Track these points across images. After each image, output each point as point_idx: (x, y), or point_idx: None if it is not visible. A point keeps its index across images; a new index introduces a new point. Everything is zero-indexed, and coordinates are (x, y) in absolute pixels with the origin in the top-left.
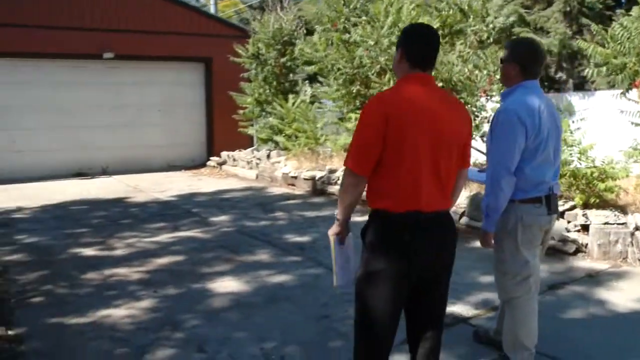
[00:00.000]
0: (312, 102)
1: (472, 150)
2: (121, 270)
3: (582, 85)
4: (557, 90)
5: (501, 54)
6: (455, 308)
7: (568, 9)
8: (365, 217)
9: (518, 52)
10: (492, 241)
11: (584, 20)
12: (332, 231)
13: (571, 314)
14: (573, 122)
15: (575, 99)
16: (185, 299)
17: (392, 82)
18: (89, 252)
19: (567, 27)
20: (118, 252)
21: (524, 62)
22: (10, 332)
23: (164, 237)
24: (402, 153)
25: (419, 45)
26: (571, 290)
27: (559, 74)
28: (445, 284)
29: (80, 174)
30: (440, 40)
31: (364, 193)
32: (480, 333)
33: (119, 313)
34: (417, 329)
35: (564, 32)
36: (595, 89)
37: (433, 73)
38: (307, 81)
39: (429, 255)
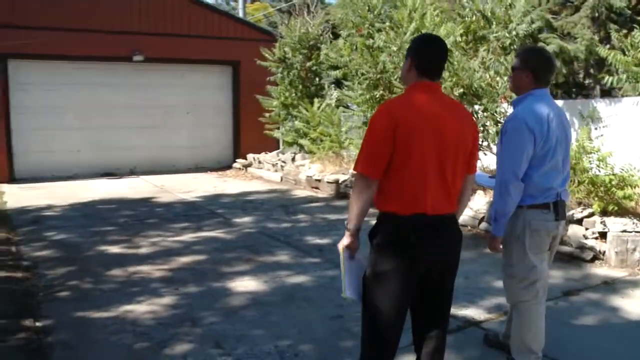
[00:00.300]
0: (337, 106)
1: (490, 155)
2: (145, 268)
3: (609, 92)
4: (586, 96)
5: None
6: (468, 312)
7: (596, 14)
8: (373, 219)
9: (531, 59)
10: (500, 246)
11: (612, 26)
12: (342, 244)
13: (583, 321)
14: (596, 128)
15: (601, 105)
16: (205, 296)
17: None
18: (114, 249)
19: (595, 32)
20: (143, 251)
21: (536, 69)
22: (37, 324)
23: (188, 237)
24: (409, 158)
25: (428, 56)
26: (585, 297)
27: (588, 80)
28: (450, 285)
29: (108, 174)
30: (464, 46)
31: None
32: (490, 337)
33: (141, 309)
34: (422, 329)
35: (591, 38)
36: (622, 95)
37: (454, 79)
38: (333, 85)
39: (434, 257)
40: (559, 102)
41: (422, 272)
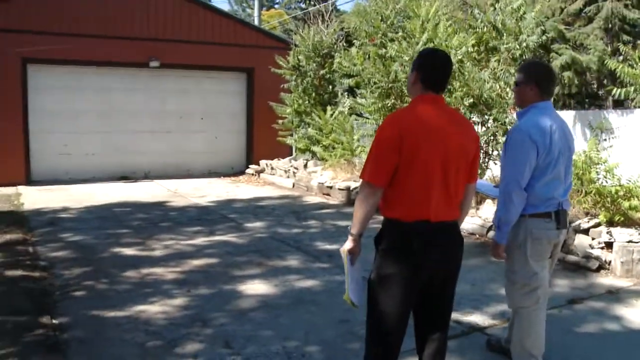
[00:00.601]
0: (350, 114)
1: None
2: (158, 270)
3: (622, 103)
4: (599, 106)
5: None
6: (473, 317)
7: (609, 25)
8: (378, 225)
9: (535, 73)
10: (503, 253)
11: (625, 37)
12: (345, 248)
13: (586, 329)
14: (605, 139)
15: (613, 116)
16: (216, 298)
17: None
18: (128, 251)
19: (608, 43)
20: (156, 253)
21: (540, 82)
22: (54, 321)
23: (200, 241)
24: (414, 168)
25: (432, 70)
26: (589, 306)
27: (601, 91)
28: (452, 289)
29: (123, 178)
30: (476, 56)
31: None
32: (493, 342)
33: (153, 309)
34: (424, 331)
35: (603, 49)
36: (635, 107)
37: (464, 89)
38: (346, 93)
39: (436, 262)
40: (571, 113)
41: (425, 277)
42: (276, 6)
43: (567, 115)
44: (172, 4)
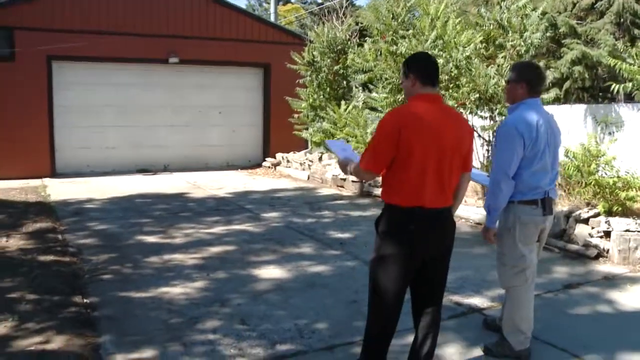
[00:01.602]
0: (365, 108)
1: None
2: (179, 256)
3: (633, 97)
4: (612, 100)
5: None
6: (473, 300)
7: (620, 20)
8: (378, 211)
9: (526, 73)
10: (493, 237)
11: (636, 32)
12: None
13: (578, 310)
14: (610, 133)
15: (624, 110)
16: (233, 282)
17: None
18: (151, 239)
19: (620, 37)
20: (177, 241)
21: (530, 81)
22: (85, 301)
23: (218, 229)
24: (411, 158)
25: (425, 67)
26: (584, 290)
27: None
28: (444, 268)
29: (143, 171)
30: (484, 52)
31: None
32: (489, 321)
33: (175, 291)
34: (419, 305)
35: (613, 43)
36: None
37: (471, 85)
38: (360, 87)
39: (430, 243)
40: (582, 107)
41: (419, 257)
42: (292, 1)
43: (578, 109)
44: (190, 1)
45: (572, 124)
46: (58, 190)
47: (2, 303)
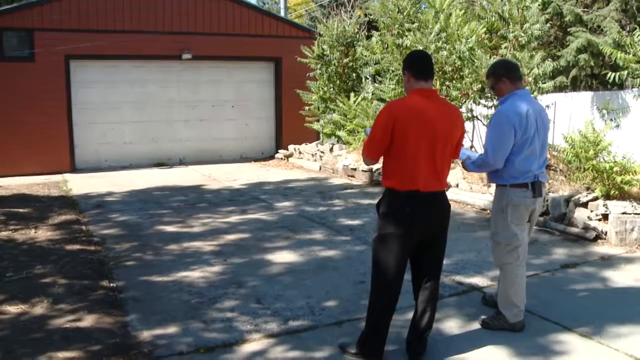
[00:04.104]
0: (374, 100)
1: None
2: (197, 244)
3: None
4: (620, 86)
5: (538, 56)
6: (474, 280)
7: (627, 7)
8: (379, 195)
9: (500, 70)
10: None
11: None
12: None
13: (572, 287)
14: (612, 119)
15: (629, 96)
16: (248, 266)
17: (438, 82)
18: (170, 229)
19: (627, 24)
20: (195, 230)
21: (509, 74)
22: (112, 284)
23: (234, 218)
24: (405, 146)
25: (418, 64)
26: (581, 270)
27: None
28: (441, 245)
29: (159, 164)
30: (488, 43)
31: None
32: (487, 297)
33: (195, 275)
34: (419, 280)
35: (618, 31)
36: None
37: (473, 76)
38: (369, 79)
39: (426, 223)
40: (589, 94)
41: (417, 236)
42: None
43: (585, 96)
44: None
45: (577, 110)
46: (79, 184)
47: (37, 287)
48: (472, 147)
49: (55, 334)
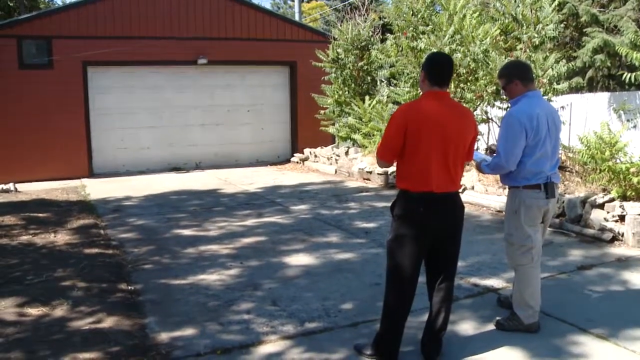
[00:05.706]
0: (389, 103)
1: None
2: (213, 247)
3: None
4: (638, 87)
5: (552, 57)
6: (489, 281)
7: None
8: (394, 197)
9: (513, 72)
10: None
11: None
12: None
13: (589, 288)
14: (628, 120)
15: None
16: (265, 268)
17: (453, 84)
18: (187, 232)
19: None
20: (211, 233)
21: (521, 76)
22: (130, 287)
23: (250, 222)
24: (418, 149)
25: (436, 70)
26: (597, 271)
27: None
28: (456, 246)
29: (176, 169)
30: (502, 45)
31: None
32: (502, 299)
33: (211, 277)
34: (433, 281)
35: (635, 30)
36: None
37: (487, 78)
38: (384, 82)
39: (440, 224)
40: (605, 95)
41: (431, 236)
42: None
43: (601, 97)
44: (217, 4)
45: (593, 111)
46: (97, 189)
47: (57, 290)
48: (487, 149)
49: (75, 335)
